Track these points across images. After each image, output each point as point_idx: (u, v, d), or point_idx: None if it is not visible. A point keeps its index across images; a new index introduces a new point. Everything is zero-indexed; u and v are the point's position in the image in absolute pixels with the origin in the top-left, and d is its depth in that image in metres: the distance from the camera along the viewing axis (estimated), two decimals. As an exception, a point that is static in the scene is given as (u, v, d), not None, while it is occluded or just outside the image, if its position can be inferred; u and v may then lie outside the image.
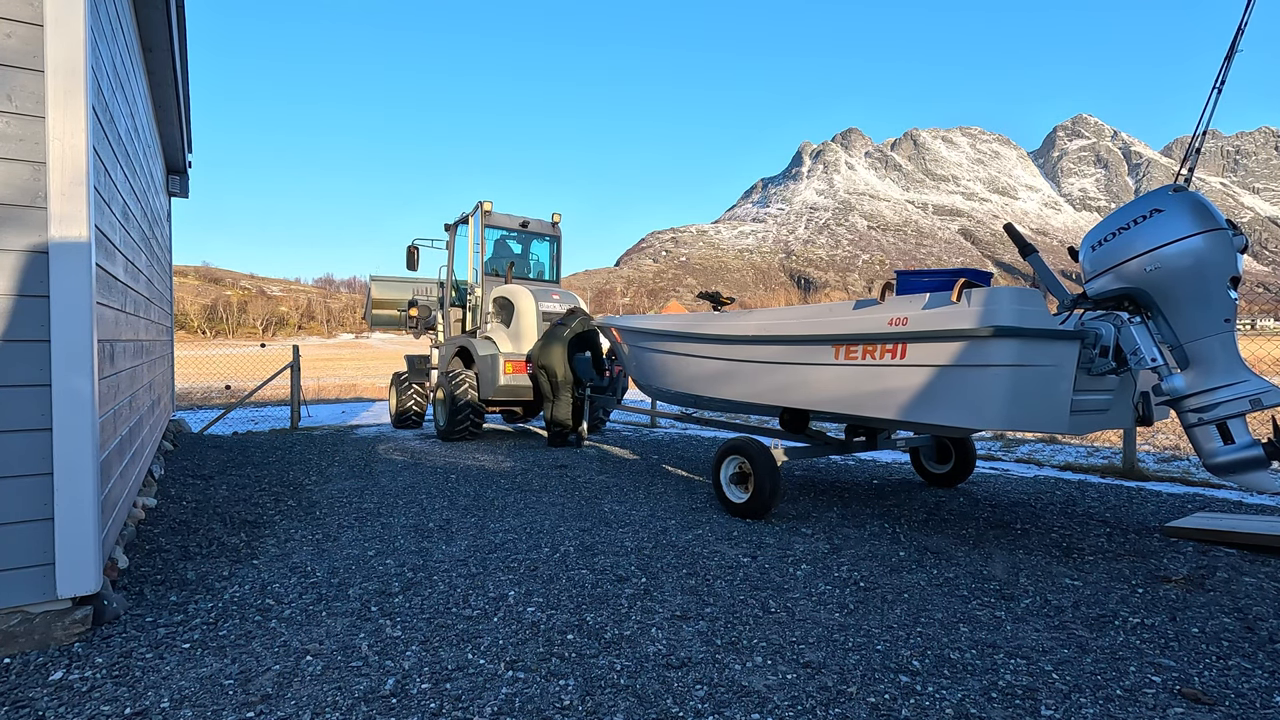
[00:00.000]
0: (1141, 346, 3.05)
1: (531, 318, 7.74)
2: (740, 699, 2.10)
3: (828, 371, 3.96)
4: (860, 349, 3.75)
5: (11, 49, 2.39)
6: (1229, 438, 2.92)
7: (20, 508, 2.41)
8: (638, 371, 6.01)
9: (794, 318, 4.26)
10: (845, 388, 3.88)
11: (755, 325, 4.48)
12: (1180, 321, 2.98)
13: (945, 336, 3.34)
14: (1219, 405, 2.91)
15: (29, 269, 2.40)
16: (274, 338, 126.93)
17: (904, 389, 3.56)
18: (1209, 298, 2.90)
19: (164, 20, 4.79)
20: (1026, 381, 3.18)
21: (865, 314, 3.78)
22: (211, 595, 2.96)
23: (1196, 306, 2.93)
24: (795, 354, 4.17)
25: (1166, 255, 2.91)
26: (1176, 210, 2.94)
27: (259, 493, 5.06)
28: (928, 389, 3.45)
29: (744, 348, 4.56)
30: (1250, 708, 2.05)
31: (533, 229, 8.81)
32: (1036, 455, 6.58)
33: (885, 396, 3.66)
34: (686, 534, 3.92)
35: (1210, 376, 2.94)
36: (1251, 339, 14.07)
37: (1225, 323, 2.92)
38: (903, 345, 3.54)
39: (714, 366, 4.86)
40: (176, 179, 8.47)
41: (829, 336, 3.93)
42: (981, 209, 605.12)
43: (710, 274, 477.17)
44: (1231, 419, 2.91)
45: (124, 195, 3.87)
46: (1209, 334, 2.94)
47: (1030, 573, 3.25)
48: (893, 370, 3.59)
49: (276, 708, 2.04)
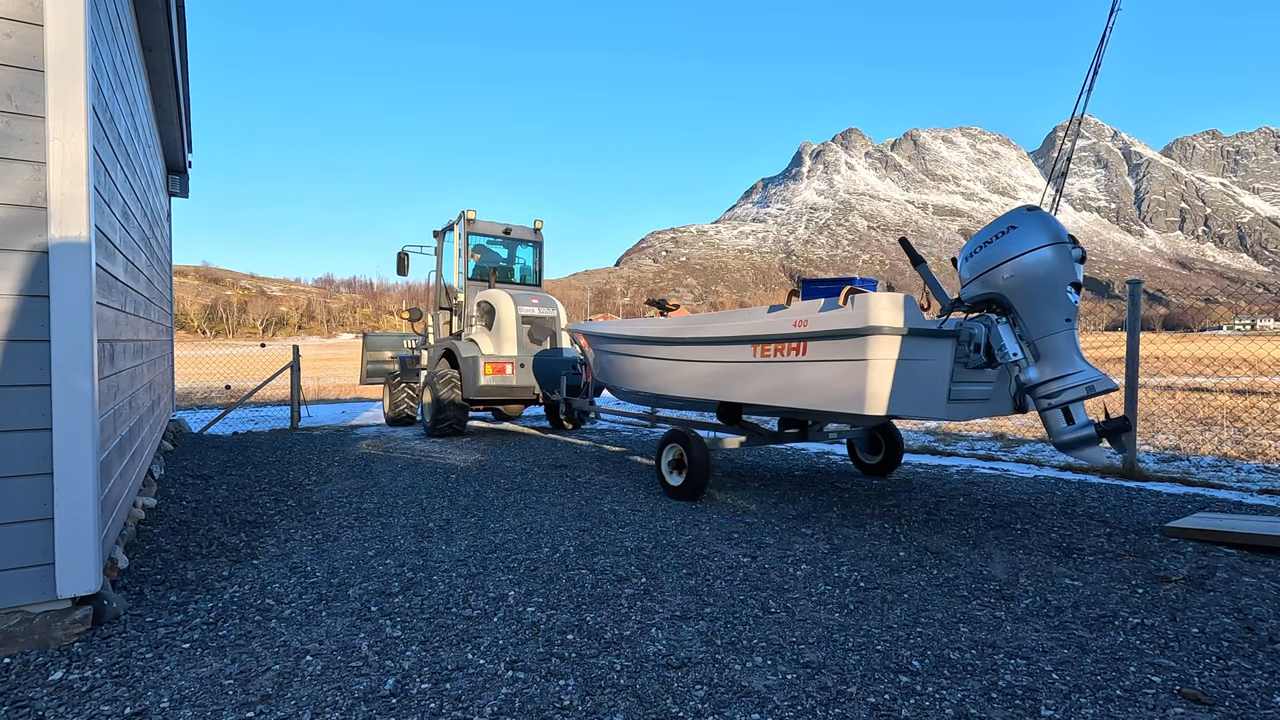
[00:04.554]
0: (1006, 343, 3.49)
1: (511, 321, 8.12)
2: (740, 699, 2.10)
3: (749, 368, 4.42)
4: (773, 348, 4.22)
5: (11, 49, 2.39)
6: (1071, 419, 3.39)
7: (20, 508, 2.41)
8: (600, 372, 6.46)
9: (722, 321, 4.76)
10: (763, 383, 4.34)
11: (691, 328, 4.98)
12: (1033, 321, 3.46)
13: (835, 335, 3.80)
14: (1063, 392, 3.37)
15: (29, 269, 2.40)
16: (274, 338, 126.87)
17: (807, 382, 4.02)
18: (1056, 300, 3.40)
19: (164, 20, 4.79)
20: (903, 373, 3.62)
21: (776, 317, 4.24)
22: (211, 595, 2.96)
23: (1046, 307, 3.42)
24: (723, 354, 4.62)
25: (1021, 264, 3.42)
26: (1028, 227, 3.47)
27: (259, 493, 5.06)
28: (825, 381, 3.90)
29: (683, 349, 5.04)
30: (1250, 708, 2.05)
31: (515, 235, 9.18)
32: (1036, 455, 6.58)
33: (793, 389, 4.12)
34: (686, 534, 3.92)
35: (1056, 367, 3.40)
36: (1252, 339, 14.11)
37: (1067, 322, 3.41)
38: (804, 344, 4.00)
39: (660, 367, 5.33)
40: (177, 179, 8.47)
41: (748, 337, 4.38)
42: (981, 209, 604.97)
43: (710, 274, 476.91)
44: (1073, 403, 3.37)
45: (124, 195, 3.87)
46: (1056, 331, 3.41)
47: (1030, 573, 3.25)
48: (797, 366, 4.05)
49: (276, 708, 2.04)
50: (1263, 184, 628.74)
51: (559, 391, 7.55)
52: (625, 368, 5.86)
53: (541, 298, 8.59)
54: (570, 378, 7.46)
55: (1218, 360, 18.47)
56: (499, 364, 7.82)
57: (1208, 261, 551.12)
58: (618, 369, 5.98)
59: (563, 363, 7.81)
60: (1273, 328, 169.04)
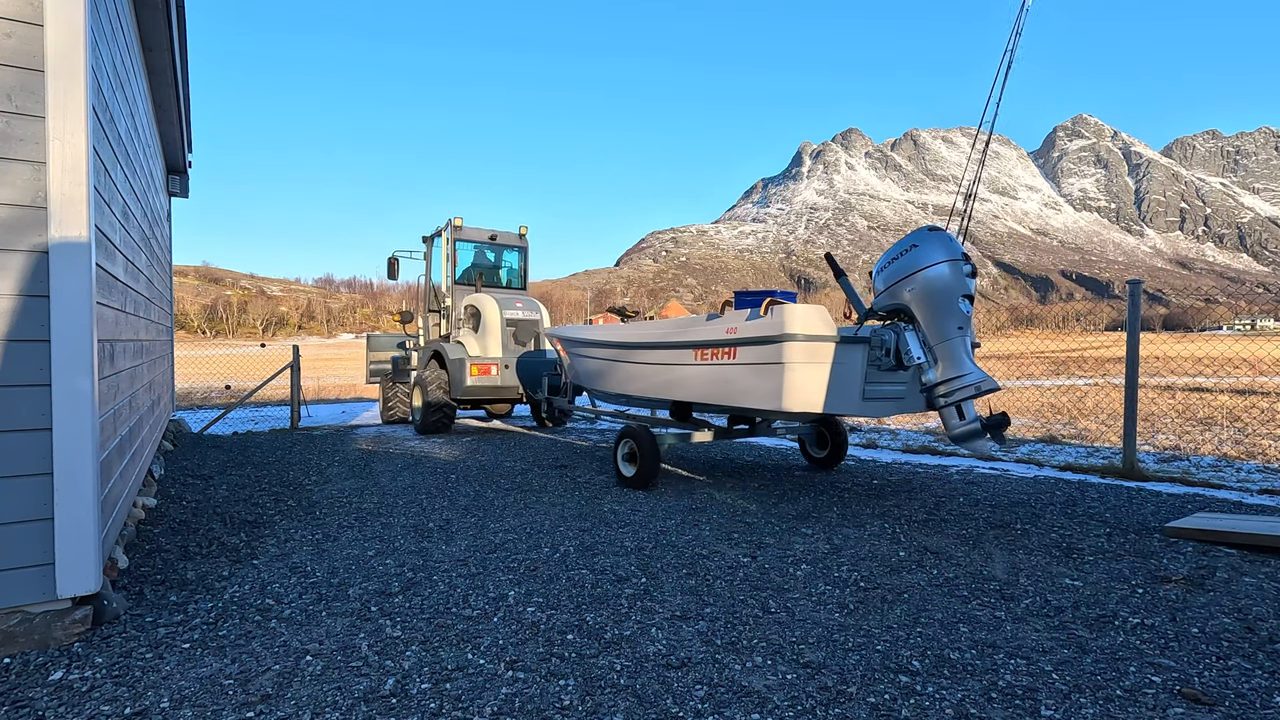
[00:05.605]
0: (911, 348, 3.92)
1: (496, 324, 8.44)
2: (740, 699, 2.10)
3: (691, 370, 4.89)
4: (710, 352, 4.67)
5: (11, 49, 2.39)
6: (962, 415, 3.82)
7: (20, 508, 2.41)
8: (573, 374, 6.92)
9: (670, 327, 5.21)
10: (703, 383, 4.78)
11: (645, 334, 5.43)
12: (932, 328, 3.90)
13: (758, 341, 4.24)
14: (955, 391, 3.80)
15: (29, 269, 2.40)
16: (274, 338, 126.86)
17: (738, 382, 4.44)
18: (951, 310, 3.84)
19: (164, 20, 4.79)
20: (817, 374, 4.08)
21: (713, 325, 4.68)
22: (211, 595, 2.96)
23: (943, 316, 3.85)
24: (671, 357, 5.11)
25: (921, 278, 3.87)
26: (928, 245, 3.93)
27: (259, 493, 5.06)
28: (752, 381, 4.33)
29: (639, 352, 5.52)
30: (1250, 708, 2.05)
31: (501, 241, 9.55)
32: (1036, 455, 6.58)
33: (728, 389, 4.55)
34: (686, 534, 3.92)
35: (950, 370, 3.84)
36: (1252, 339, 14.10)
37: (960, 329, 3.84)
38: (735, 349, 4.44)
39: (621, 369, 5.81)
40: (177, 179, 8.47)
41: (690, 343, 4.85)
42: (982, 209, 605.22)
43: (710, 274, 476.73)
44: (964, 401, 3.80)
45: (124, 195, 3.87)
46: (951, 337, 3.84)
47: (1030, 573, 3.25)
48: (730, 368, 4.50)
49: (276, 708, 2.04)
50: (1263, 184, 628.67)
51: (541, 391, 7.81)
52: (593, 369, 6.32)
53: (526, 301, 8.88)
54: (551, 378, 7.74)
55: (1218, 360, 18.48)
56: (484, 365, 8.16)
57: (1208, 261, 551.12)
58: (587, 371, 6.46)
59: (545, 364, 8.10)
60: (1273, 328, 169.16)
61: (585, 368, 6.50)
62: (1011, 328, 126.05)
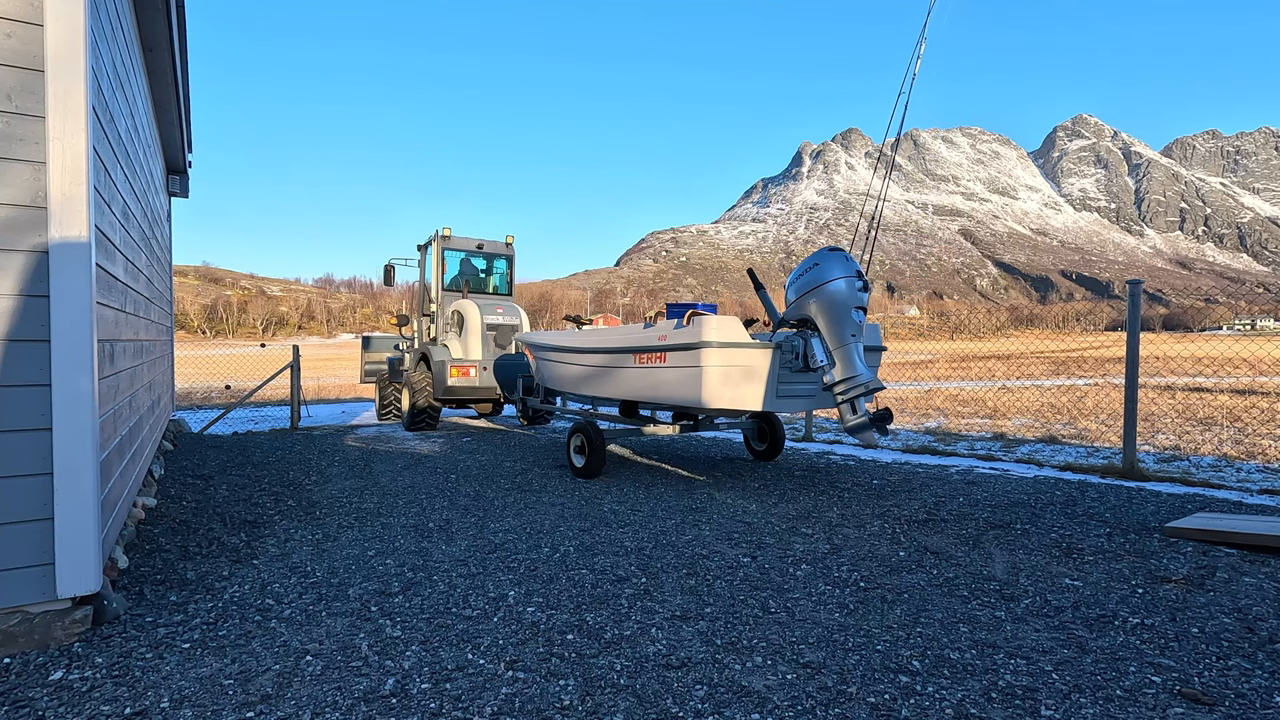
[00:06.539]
0: (817, 352, 4.43)
1: (477, 328, 9.01)
2: (740, 699, 2.10)
3: (632, 373, 5.41)
4: (646, 356, 5.20)
5: (11, 49, 2.39)
6: (855, 411, 4.37)
7: (20, 508, 2.41)
8: (540, 376, 7.38)
9: (614, 334, 5.85)
10: (643, 384, 5.31)
11: (595, 340, 5.97)
12: (831, 335, 4.42)
13: (681, 347, 4.79)
14: (850, 390, 4.34)
15: (29, 269, 2.40)
16: (274, 338, 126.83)
17: (668, 383, 4.99)
18: (846, 320, 4.38)
19: (164, 20, 4.79)
20: (729, 375, 4.61)
21: (648, 332, 5.21)
22: (211, 595, 2.96)
23: (840, 325, 4.39)
24: (615, 361, 5.64)
25: (822, 292, 4.41)
26: (829, 263, 4.47)
27: (259, 493, 5.06)
28: (678, 382, 4.87)
29: (589, 356, 6.03)
30: (1250, 708, 2.04)
31: (488, 250, 10.06)
32: (1037, 455, 6.58)
33: (661, 389, 5.09)
34: (686, 534, 3.92)
35: (846, 370, 4.37)
36: (1251, 339, 14.12)
37: (853, 336, 4.38)
38: (665, 354, 4.99)
39: (576, 371, 6.37)
40: (177, 179, 8.47)
41: (630, 348, 5.37)
42: (981, 209, 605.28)
43: (710, 274, 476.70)
44: (856, 398, 4.35)
45: (124, 195, 3.87)
46: (846, 343, 4.38)
47: (1030, 573, 3.25)
48: (661, 370, 5.05)
49: (276, 708, 2.04)
50: (1263, 184, 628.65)
51: (516, 392, 8.07)
52: (554, 372, 6.87)
53: (507, 307, 9.46)
54: (526, 380, 8.00)
55: (1218, 360, 18.48)
56: (464, 367, 8.74)
57: (1208, 261, 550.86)
58: (550, 373, 6.99)
59: (520, 366, 8.39)
60: (1273, 328, 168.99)
61: (548, 370, 7.03)
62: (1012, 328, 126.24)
